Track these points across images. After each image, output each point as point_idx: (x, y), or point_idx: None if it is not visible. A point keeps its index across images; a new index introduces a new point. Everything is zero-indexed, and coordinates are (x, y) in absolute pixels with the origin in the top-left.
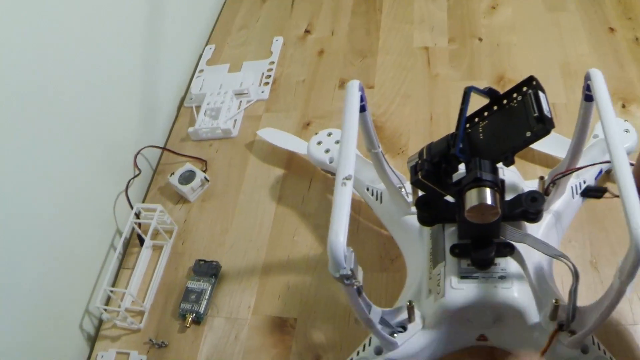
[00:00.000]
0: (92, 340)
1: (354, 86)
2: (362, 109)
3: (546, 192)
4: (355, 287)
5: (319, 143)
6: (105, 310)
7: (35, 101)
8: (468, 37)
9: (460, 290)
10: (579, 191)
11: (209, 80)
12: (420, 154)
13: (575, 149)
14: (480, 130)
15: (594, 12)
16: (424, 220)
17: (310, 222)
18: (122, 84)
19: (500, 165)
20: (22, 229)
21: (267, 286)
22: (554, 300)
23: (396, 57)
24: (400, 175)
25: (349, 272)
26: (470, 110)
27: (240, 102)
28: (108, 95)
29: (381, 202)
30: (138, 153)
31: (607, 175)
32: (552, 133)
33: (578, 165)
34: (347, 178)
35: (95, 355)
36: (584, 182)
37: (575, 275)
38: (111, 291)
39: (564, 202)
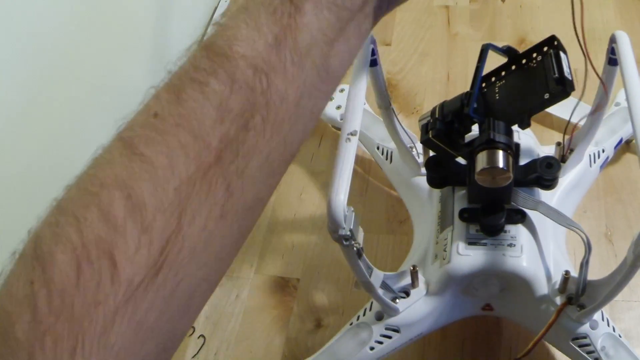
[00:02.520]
0: None
1: None
2: (373, 63)
3: (563, 159)
4: (355, 248)
5: (330, 99)
6: None
7: (45, 56)
8: None
9: (467, 257)
10: (597, 160)
11: None
12: (433, 112)
13: (595, 116)
14: (497, 90)
15: None
16: (433, 181)
17: (318, 181)
18: (134, 38)
19: (515, 127)
20: (28, 192)
21: (271, 245)
22: (564, 272)
23: (415, 14)
24: (411, 135)
25: (348, 233)
26: (487, 69)
27: None
28: (119, 51)
29: (391, 161)
30: None
31: (627, 145)
32: (572, 98)
33: (598, 133)
34: (352, 134)
35: None
36: (603, 151)
37: (588, 247)
38: None
39: (581, 171)
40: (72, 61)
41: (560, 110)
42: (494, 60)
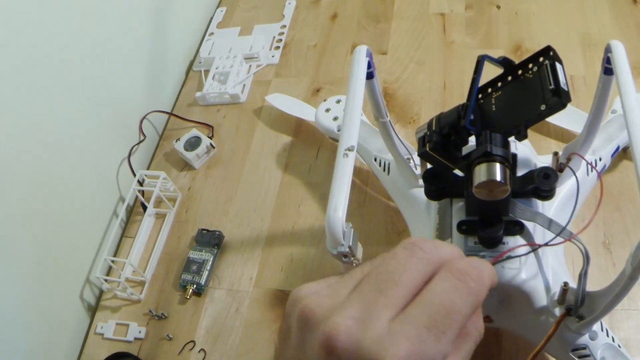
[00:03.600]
0: (93, 310)
1: (360, 52)
2: (370, 75)
3: (560, 168)
4: (354, 264)
5: (327, 110)
6: (105, 280)
7: (42, 62)
8: (486, 4)
9: None
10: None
11: (219, 43)
12: (429, 124)
13: (592, 125)
14: (493, 102)
15: None
16: (431, 194)
17: (316, 192)
18: (130, 47)
19: (512, 139)
20: (22, 196)
21: (270, 258)
22: (562, 284)
23: (411, 23)
24: (408, 146)
25: (347, 250)
26: (483, 80)
27: (250, 66)
28: (115, 59)
29: (388, 173)
30: (144, 118)
31: (624, 152)
32: (569, 106)
33: (594, 142)
34: (350, 149)
35: (94, 326)
36: (600, 160)
37: (586, 259)
38: (112, 261)
39: (580, 179)
40: (70, 73)
41: (556, 118)
42: (491, 71)
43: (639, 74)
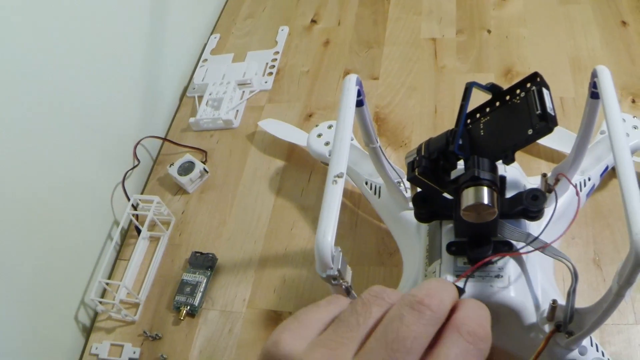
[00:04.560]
0: (88, 331)
1: (350, 81)
2: (360, 103)
3: (549, 189)
4: (343, 286)
5: (319, 135)
6: (100, 302)
7: (35, 89)
8: (477, 28)
9: None
10: (583, 188)
11: (212, 70)
12: (419, 150)
13: (580, 146)
14: (481, 127)
15: (606, 5)
16: (420, 216)
17: (308, 215)
18: (125, 73)
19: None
20: (19, 219)
21: (262, 279)
22: (551, 301)
23: (403, 48)
24: (399, 170)
25: (336, 273)
26: (473, 105)
27: (243, 92)
28: (109, 85)
29: (379, 196)
30: (138, 143)
31: (613, 172)
32: (559, 127)
33: (583, 162)
34: (339, 176)
35: (89, 347)
36: (589, 179)
37: (575, 277)
38: (106, 283)
39: (567, 200)
40: (65, 100)
41: (545, 139)
42: (481, 98)
43: (628, 95)
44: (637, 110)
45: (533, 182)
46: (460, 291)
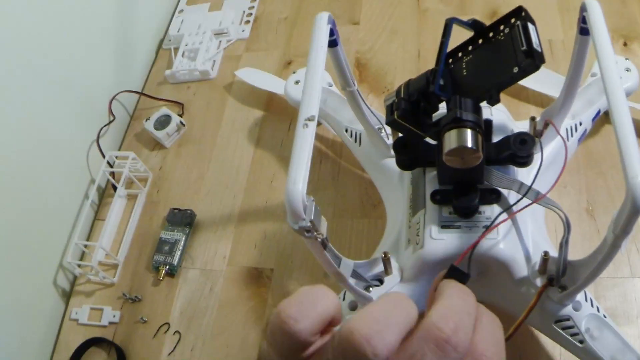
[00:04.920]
0: (67, 296)
1: (321, 19)
2: (333, 43)
3: (538, 134)
4: (318, 239)
5: (297, 82)
6: (78, 265)
7: (5, 47)
8: None
9: (441, 241)
10: (574, 133)
11: (188, 20)
12: (398, 91)
13: (570, 88)
14: (464, 66)
15: None
16: (402, 164)
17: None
18: (98, 26)
19: (487, 104)
20: None
21: (243, 235)
22: (543, 253)
23: None
24: (379, 115)
25: (309, 224)
26: (454, 44)
27: (220, 42)
28: (80, 37)
29: (360, 144)
30: (113, 98)
31: (606, 116)
32: (548, 71)
33: (574, 106)
34: (310, 119)
35: (69, 312)
36: (580, 124)
37: (567, 227)
38: (84, 245)
39: (558, 145)
40: (36, 56)
41: (534, 82)
42: (463, 34)
43: (619, 38)
44: (629, 53)
45: (521, 126)
46: (466, 277)
